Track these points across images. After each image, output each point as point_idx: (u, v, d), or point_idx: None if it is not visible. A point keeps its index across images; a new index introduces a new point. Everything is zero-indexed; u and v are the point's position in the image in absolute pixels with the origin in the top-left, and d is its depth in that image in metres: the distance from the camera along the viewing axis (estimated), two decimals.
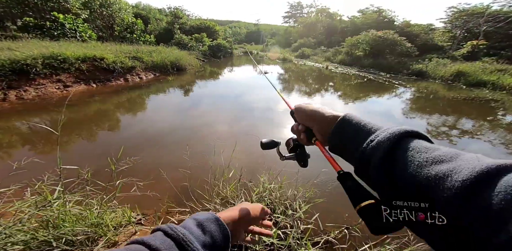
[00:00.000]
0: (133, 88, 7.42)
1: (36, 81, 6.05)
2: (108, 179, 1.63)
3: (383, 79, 12.16)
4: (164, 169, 2.48)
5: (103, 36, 14.13)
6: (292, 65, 18.24)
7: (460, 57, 14.26)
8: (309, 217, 1.94)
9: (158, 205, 2.12)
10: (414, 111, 6.73)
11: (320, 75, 13.83)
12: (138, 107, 5.74)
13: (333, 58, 20.16)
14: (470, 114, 6.51)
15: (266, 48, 31.67)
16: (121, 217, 1.73)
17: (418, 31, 19.85)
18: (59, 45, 7.91)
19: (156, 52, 10.34)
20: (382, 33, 17.01)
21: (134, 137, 3.92)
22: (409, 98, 8.38)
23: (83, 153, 3.33)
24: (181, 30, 19.30)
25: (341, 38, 24.11)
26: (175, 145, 3.61)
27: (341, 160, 0.43)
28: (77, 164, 1.57)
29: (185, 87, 8.23)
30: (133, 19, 15.11)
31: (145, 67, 9.25)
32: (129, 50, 9.62)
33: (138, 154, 2.85)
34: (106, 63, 7.62)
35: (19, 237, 1.18)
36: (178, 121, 4.85)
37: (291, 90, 9.10)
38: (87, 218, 1.45)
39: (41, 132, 3.98)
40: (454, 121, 5.82)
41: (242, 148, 3.53)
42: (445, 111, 6.74)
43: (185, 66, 11.06)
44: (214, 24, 22.20)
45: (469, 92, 9.26)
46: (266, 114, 5.64)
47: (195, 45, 16.89)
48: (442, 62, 13.14)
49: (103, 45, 9.83)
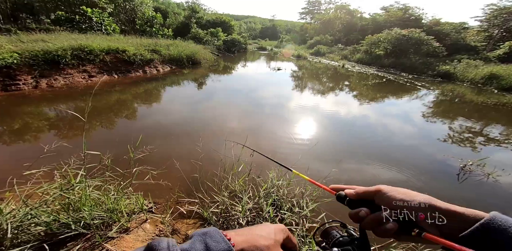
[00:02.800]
0: (151, 80, 7.68)
1: (65, 71, 6.45)
2: (126, 166, 1.72)
3: (404, 80, 11.57)
4: (177, 159, 2.57)
5: (125, 30, 14.65)
6: (307, 62, 17.83)
7: (494, 59, 13.15)
8: (316, 215, 1.94)
9: (169, 194, 2.22)
10: (436, 115, 6.36)
11: (336, 73, 13.42)
12: (154, 99, 5.95)
13: (350, 56, 19.49)
14: (500, 121, 6.04)
15: (281, 45, 31.13)
16: (134, 204, 1.83)
17: (448, 30, 18.50)
18: (86, 38, 8.33)
19: (173, 46, 10.59)
20: (407, 32, 16.06)
21: (149, 126, 4.09)
22: (431, 101, 7.92)
23: (104, 140, 3.54)
24: (197, 25, 19.49)
25: (360, 36, 23.09)
26: (188, 136, 3.72)
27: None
28: (99, 150, 1.62)
29: (199, 81, 8.38)
30: (153, 13, 15.45)
31: (162, 60, 9.51)
32: (149, 43, 9.91)
33: (153, 143, 2.98)
34: (127, 55, 7.92)
35: (43, 218, 1.28)
36: (192, 113, 4.98)
37: (303, 88, 8.94)
38: (104, 203, 1.54)
39: (67, 118, 4.27)
40: (481, 128, 5.44)
41: (252, 143, 3.57)
42: (471, 116, 6.30)
43: (200, 60, 11.24)
44: (229, 19, 22.16)
45: (500, 97, 8.56)
46: (277, 111, 5.62)
47: (210, 40, 17.00)
48: (474, 63, 12.20)
49: (125, 38, 10.21)
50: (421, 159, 3.69)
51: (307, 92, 8.27)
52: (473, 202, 2.68)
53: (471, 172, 3.20)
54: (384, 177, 3.05)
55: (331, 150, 3.74)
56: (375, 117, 5.87)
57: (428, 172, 3.27)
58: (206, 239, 0.33)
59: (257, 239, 0.37)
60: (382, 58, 16.56)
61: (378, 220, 0.38)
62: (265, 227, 0.41)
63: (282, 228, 0.42)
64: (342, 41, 25.77)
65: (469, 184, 2.97)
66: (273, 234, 0.40)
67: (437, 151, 3.94)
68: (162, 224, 1.79)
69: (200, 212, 1.90)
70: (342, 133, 4.57)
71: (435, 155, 3.78)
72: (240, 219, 1.81)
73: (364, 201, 0.42)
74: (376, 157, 3.60)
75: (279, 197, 2.07)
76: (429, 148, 4.13)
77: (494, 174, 3.11)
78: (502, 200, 2.76)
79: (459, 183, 3.00)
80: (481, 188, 2.91)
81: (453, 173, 3.20)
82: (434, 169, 3.37)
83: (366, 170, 3.20)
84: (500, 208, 2.62)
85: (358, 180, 2.94)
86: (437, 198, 1.49)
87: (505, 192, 2.86)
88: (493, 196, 2.79)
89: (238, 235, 0.37)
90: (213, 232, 0.35)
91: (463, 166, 3.30)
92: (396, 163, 3.41)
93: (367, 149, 3.91)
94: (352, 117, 5.74)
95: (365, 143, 4.13)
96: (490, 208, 1.25)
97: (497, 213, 0.32)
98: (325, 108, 6.19)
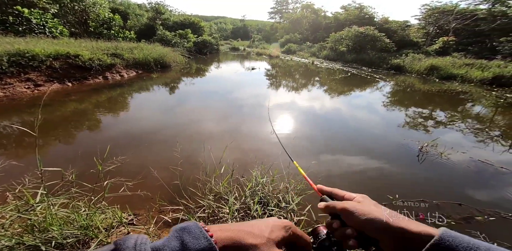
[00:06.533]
0: (114, 87, 7.06)
1: (3, 81, 5.55)
2: (95, 180, 1.56)
3: (365, 73, 12.63)
4: (154, 168, 2.41)
5: (76, 32, 13.20)
6: (279, 61, 18.31)
7: (433, 53, 15.12)
8: (302, 208, 2.00)
9: (150, 204, 2.08)
10: (394, 104, 7.08)
11: (307, 70, 14.05)
12: (121, 106, 5.49)
13: (318, 53, 20.55)
14: (443, 106, 6.98)
15: (253, 44, 31.44)
16: (111, 218, 1.67)
17: (395, 28, 20.73)
18: (26, 42, 7.28)
19: (137, 49, 9.94)
20: (363, 29, 17.58)
21: (119, 136, 3.76)
22: (389, 92, 8.79)
23: (65, 155, 3.14)
24: (163, 26, 18.55)
25: (325, 34, 24.50)
26: (164, 143, 3.52)
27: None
28: (59, 166, 1.49)
29: (171, 85, 7.98)
30: (110, 14, 14.25)
31: (126, 65, 8.83)
32: (107, 47, 9.12)
33: (125, 154, 2.75)
34: (81, 60, 7.15)
35: (3, 243, 1.11)
36: (166, 119, 4.72)
37: (278, 86, 9.16)
38: (75, 220, 1.39)
39: (14, 134, 3.68)
40: (429, 113, 6.22)
41: (232, 143, 3.53)
42: (421, 103, 7.17)
43: (170, 63, 10.76)
44: (199, 20, 21.56)
45: (441, 85, 9.90)
46: (254, 110, 5.66)
47: (179, 42, 16.35)
48: (417, 57, 13.88)
49: (77, 41, 9.22)
50: (387, 144, 4.08)
51: (282, 90, 8.48)
52: (434, 180, 3.05)
53: (428, 153, 3.63)
54: (359, 166, 3.29)
55: (309, 144, 3.90)
56: (345, 109, 6.31)
57: (394, 156, 3.63)
58: (183, 235, 0.30)
59: (243, 237, 0.33)
60: (345, 54, 17.79)
61: (345, 235, 0.41)
62: (262, 223, 0.37)
63: (284, 226, 0.39)
64: (310, 39, 26.99)
65: (428, 164, 3.36)
66: (268, 232, 0.35)
67: (399, 136, 4.40)
68: (148, 235, 1.67)
69: (186, 218, 1.82)
70: (317, 126, 4.80)
71: (398, 140, 4.20)
72: (229, 221, 1.78)
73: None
74: (349, 147, 3.87)
75: (265, 194, 2.08)
76: (392, 134, 4.59)
77: (445, 152, 3.58)
78: (457, 175, 3.17)
79: (420, 163, 3.38)
80: (437, 166, 3.31)
81: (414, 155, 3.60)
82: (399, 153, 3.75)
83: (342, 160, 3.41)
84: (455, 184, 3.04)
85: (336, 170, 3.11)
86: (404, 180, 1.68)
87: (457, 168, 3.30)
88: (449, 173, 3.18)
89: (222, 230, 0.33)
90: (192, 227, 0.31)
91: (421, 148, 3.74)
92: (367, 151, 3.72)
93: (340, 140, 4.17)
94: (325, 111, 6.09)
95: (338, 135, 4.41)
96: (448, 185, 1.45)
97: (445, 230, 0.33)
98: (300, 104, 6.45)
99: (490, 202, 2.57)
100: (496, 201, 2.59)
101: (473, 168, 3.28)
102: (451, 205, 2.44)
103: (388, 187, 2.74)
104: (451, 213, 2.33)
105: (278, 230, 0.37)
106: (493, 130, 5.11)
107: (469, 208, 2.41)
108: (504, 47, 12.37)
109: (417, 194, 2.57)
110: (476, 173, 3.18)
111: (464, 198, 2.55)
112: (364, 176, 3.03)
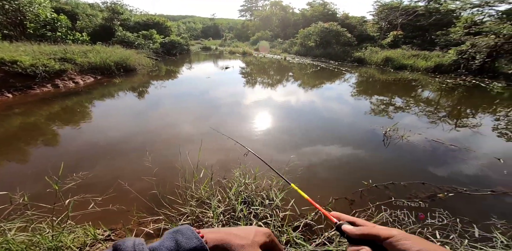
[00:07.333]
0: (68, 95, 6.31)
1: None
2: (54, 200, 1.39)
3: (333, 67, 13.39)
4: (125, 180, 2.23)
5: (10, 35, 11.42)
6: (253, 58, 18.31)
7: (386, 46, 16.63)
8: (286, 204, 2.01)
9: (127, 218, 1.92)
10: (360, 93, 7.65)
11: (280, 66, 14.33)
12: (82, 116, 4.92)
13: (289, 49, 21.14)
14: (399, 93, 7.75)
15: (225, 43, 30.85)
16: (83, 236, 1.51)
17: (355, 23, 22.27)
18: None
19: (92, 52, 8.96)
20: (328, 25, 18.57)
21: (81, 150, 3.38)
22: (354, 83, 9.45)
23: (11, 176, 2.72)
24: (123, 27, 17.03)
25: (294, 30, 25.16)
26: (135, 152, 3.27)
27: None
28: (5, 189, 1.32)
29: (139, 89, 7.42)
30: (53, 14, 12.58)
31: (81, 70, 7.92)
32: (53, 50, 8.03)
33: (90, 168, 2.49)
34: (21, 67, 6.21)
35: None
36: (135, 127, 4.37)
37: (254, 83, 9.18)
38: (40, 243, 1.24)
39: None
40: (389, 100, 6.85)
41: (209, 145, 3.43)
42: (381, 92, 7.86)
43: (135, 66, 9.96)
44: (164, 20, 20.24)
45: (396, 75, 10.96)
46: (232, 109, 5.59)
47: (144, 43, 15.21)
48: (375, 50, 15.15)
49: (12, 45, 7.96)
50: (357, 132, 4.39)
51: (258, 87, 8.52)
52: (399, 162, 3.36)
53: (391, 137, 3.99)
54: (336, 154, 3.47)
55: (287, 137, 3.99)
56: (318, 101, 6.62)
57: (365, 142, 3.92)
58: (177, 236, 0.33)
59: (231, 238, 0.36)
60: (314, 49, 18.60)
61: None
62: (245, 229, 0.41)
63: (265, 232, 0.41)
64: (281, 36, 27.43)
65: (392, 147, 3.70)
66: (252, 235, 0.39)
67: (367, 123, 4.75)
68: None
69: (168, 227, 1.72)
70: (294, 120, 4.94)
71: (366, 127, 4.54)
72: (214, 225, 1.73)
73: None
74: (325, 137, 4.06)
75: (248, 193, 2.07)
76: (361, 121, 4.94)
77: (405, 135, 3.98)
78: (417, 155, 3.52)
79: (386, 147, 3.70)
80: (400, 149, 3.66)
81: (380, 140, 3.93)
82: (367, 138, 4.06)
83: (320, 151, 3.56)
84: (417, 163, 3.39)
85: (316, 161, 3.23)
86: (375, 164, 1.80)
87: (416, 149, 3.67)
88: (410, 155, 3.52)
89: (212, 232, 0.37)
90: (184, 229, 0.34)
91: (385, 133, 4.10)
92: (341, 139, 3.95)
93: (316, 131, 4.35)
94: (301, 104, 6.32)
95: (314, 126, 4.59)
96: (411, 165, 1.59)
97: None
98: (276, 100, 6.59)
99: (448, 178, 2.90)
100: (453, 176, 2.93)
101: (429, 148, 3.69)
102: (416, 184, 2.69)
103: (363, 172, 2.93)
104: (417, 192, 2.56)
105: (260, 235, 0.40)
106: (440, 111, 5.83)
107: (431, 186, 2.67)
108: (440, 39, 14.20)
109: (387, 176, 2.80)
110: (432, 152, 3.59)
111: (426, 177, 2.83)
112: (342, 162, 3.22)
